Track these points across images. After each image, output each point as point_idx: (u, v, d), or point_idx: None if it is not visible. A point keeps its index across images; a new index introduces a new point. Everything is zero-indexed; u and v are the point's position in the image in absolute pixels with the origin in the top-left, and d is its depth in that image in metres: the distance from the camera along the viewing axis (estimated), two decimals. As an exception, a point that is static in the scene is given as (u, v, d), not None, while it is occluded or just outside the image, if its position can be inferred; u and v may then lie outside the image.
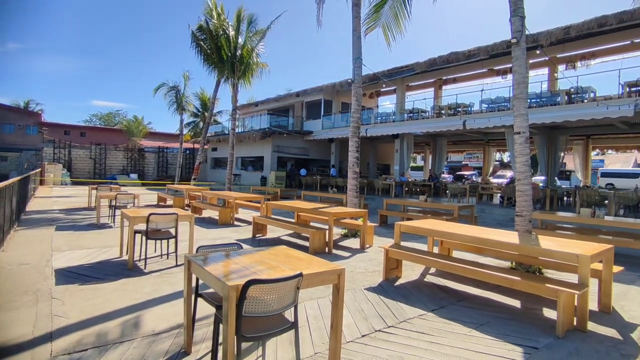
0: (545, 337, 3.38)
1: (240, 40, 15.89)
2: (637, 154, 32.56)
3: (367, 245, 7.03)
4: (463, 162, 43.58)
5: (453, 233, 4.65)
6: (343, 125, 20.47)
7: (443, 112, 16.95)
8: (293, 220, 8.14)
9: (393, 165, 19.56)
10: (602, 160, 36.64)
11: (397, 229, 5.07)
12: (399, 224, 5.08)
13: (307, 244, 6.84)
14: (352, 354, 2.98)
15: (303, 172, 20.99)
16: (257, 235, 7.82)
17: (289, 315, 2.69)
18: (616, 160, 36.55)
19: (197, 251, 3.24)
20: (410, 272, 5.32)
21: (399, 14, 9.33)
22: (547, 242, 4.19)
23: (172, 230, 5.47)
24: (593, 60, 16.26)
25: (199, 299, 2.99)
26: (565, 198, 15.05)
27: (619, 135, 18.14)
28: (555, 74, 16.62)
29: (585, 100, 13.18)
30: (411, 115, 18.27)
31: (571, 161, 23.45)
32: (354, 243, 7.42)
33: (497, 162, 31.68)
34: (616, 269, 4.16)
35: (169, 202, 13.04)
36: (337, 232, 8.32)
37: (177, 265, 5.31)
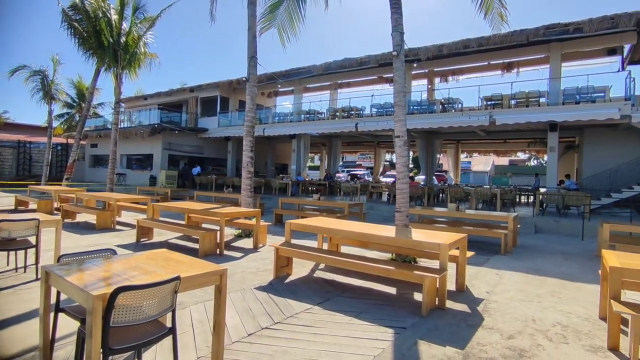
0: (412, 317, 3.83)
1: (125, 25, 14.46)
2: (494, 157, 38.67)
3: (261, 245, 7.04)
4: (357, 162, 46.54)
5: (339, 229, 4.95)
6: (240, 123, 20.08)
7: (338, 114, 17.85)
8: (183, 222, 7.73)
9: (291, 164, 19.90)
10: (469, 162, 42.77)
11: (288, 227, 5.19)
12: (290, 222, 5.22)
13: (197, 246, 6.56)
14: (237, 353, 2.97)
15: (195, 170, 20.03)
16: (142, 240, 7.23)
17: (177, 321, 2.55)
18: (479, 162, 42.96)
19: (58, 261, 2.87)
20: (301, 269, 5.50)
21: (294, 16, 9.53)
22: (418, 235, 4.74)
23: (32, 239, 4.73)
24: (461, 76, 18.87)
25: (62, 315, 2.65)
26: (441, 195, 17.14)
27: (481, 140, 21.34)
28: (431, 86, 18.78)
29: (454, 110, 15.21)
30: (308, 116, 18.84)
31: (446, 162, 26.80)
32: (247, 243, 7.36)
33: (387, 163, 34.57)
34: (469, 253, 4.92)
35: (32, 205, 11.22)
36: (231, 232, 8.16)
37: (37, 279, 4.61)
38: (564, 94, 13.02)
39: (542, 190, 13.74)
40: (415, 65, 15.21)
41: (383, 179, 24.06)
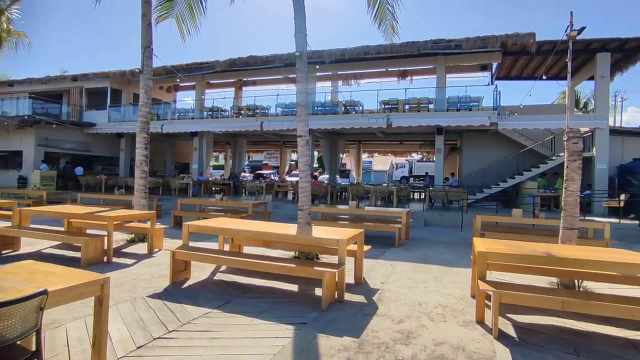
0: (313, 312, 3.93)
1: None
2: (392, 157, 41.83)
3: (156, 250, 6.53)
4: (264, 162, 46.22)
5: (240, 230, 4.84)
6: (135, 118, 18.41)
7: (242, 112, 17.48)
8: (62, 229, 6.78)
9: (192, 164, 18.86)
10: (370, 162, 45.59)
11: (185, 230, 4.91)
12: (188, 224, 4.94)
13: (80, 255, 5.81)
14: (122, 370, 2.70)
15: (79, 170, 17.77)
16: (4, 252, 6.13)
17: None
18: (380, 162, 46.08)
19: None
20: (200, 272, 5.24)
21: (194, 7, 9.07)
22: (318, 232, 4.88)
23: None
24: (362, 80, 20.00)
25: None
26: (343, 193, 17.93)
27: (380, 141, 22.89)
28: (334, 88, 19.53)
29: (356, 112, 16.06)
30: (211, 113, 18.08)
31: (349, 161, 28.16)
32: (141, 248, 6.76)
33: (293, 162, 34.99)
34: (366, 247, 5.23)
35: None
36: (122, 237, 7.42)
37: None
38: (448, 102, 14.68)
39: (431, 187, 15.32)
40: (317, 67, 15.66)
41: (289, 178, 24.31)
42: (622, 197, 11.19)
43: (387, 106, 15.53)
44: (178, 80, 18.47)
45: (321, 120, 15.71)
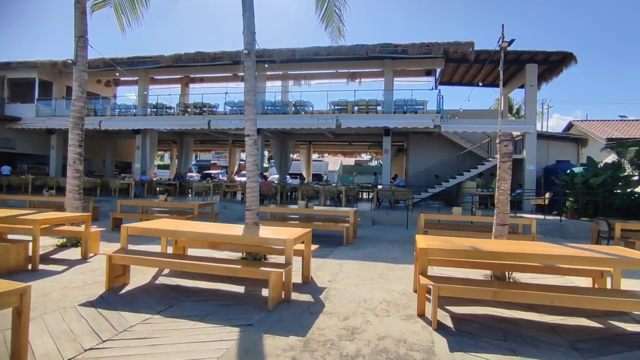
0: (259, 313, 3.87)
1: None
2: (342, 157, 42.52)
3: (91, 255, 6.09)
4: (212, 161, 44.92)
5: (184, 231, 4.66)
6: (68, 113, 17.09)
7: (189, 110, 16.85)
8: (-22, 234, 6.10)
9: (134, 163, 17.84)
10: (321, 162, 45.97)
11: (124, 232, 4.62)
12: (126, 226, 4.65)
13: None
14: (47, 386, 2.48)
15: (5, 170, 16.14)
16: None
17: None
18: (330, 162, 46.61)
19: None
20: (141, 277, 4.96)
21: (135, -3, 8.58)
22: (265, 232, 4.83)
23: None
24: (312, 80, 20.11)
25: None
26: (294, 193, 17.91)
27: (330, 142, 23.17)
28: (283, 88, 19.47)
29: (305, 113, 16.11)
30: (155, 110, 17.23)
31: (301, 161, 28.15)
32: (74, 253, 6.27)
33: (243, 162, 34.34)
34: (314, 247, 5.26)
35: None
36: (52, 242, 6.84)
37: None
38: (395, 105, 15.20)
39: (379, 187, 15.77)
40: (266, 66, 15.55)
41: (238, 178, 23.82)
42: (547, 195, 12.29)
43: (336, 107, 15.76)
44: (118, 74, 17.38)
45: (271, 120, 15.59)
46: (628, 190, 11.53)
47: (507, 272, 5.20)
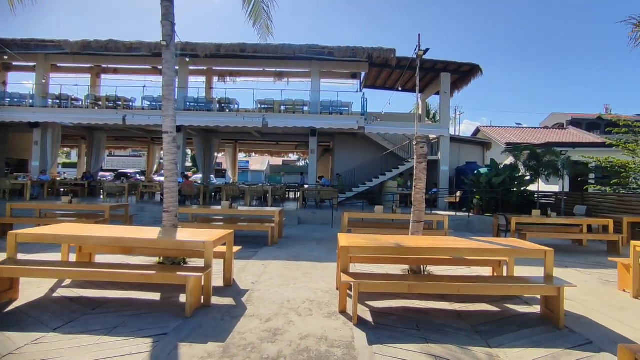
0: (175, 321, 3.64)
1: None
2: (269, 157, 42.20)
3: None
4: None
5: (89, 236, 4.20)
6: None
7: (101, 103, 15.37)
8: None
9: (32, 160, 15.74)
10: (248, 162, 45.14)
11: (12, 239, 4.02)
12: (15, 233, 4.06)
13: None
14: None
15: None
16: None
17: None
18: (257, 162, 45.99)
19: None
20: (35, 290, 4.37)
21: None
22: (184, 234, 4.56)
23: None
24: (238, 77, 19.62)
25: None
26: (218, 193, 17.29)
27: (257, 141, 22.82)
28: (207, 84, 18.72)
29: (231, 110, 15.66)
30: (58, 101, 15.41)
31: (225, 161, 27.30)
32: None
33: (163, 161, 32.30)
34: (236, 248, 5.11)
35: None
36: None
37: None
38: (322, 105, 15.46)
39: (306, 186, 15.92)
40: (188, 59, 14.82)
41: (157, 178, 22.36)
42: (458, 194, 13.46)
43: (263, 106, 15.58)
44: (7, 57, 15.18)
45: (194, 116, 14.89)
46: (522, 188, 13.10)
47: (422, 266, 5.55)
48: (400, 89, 18.10)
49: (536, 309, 4.19)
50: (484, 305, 4.33)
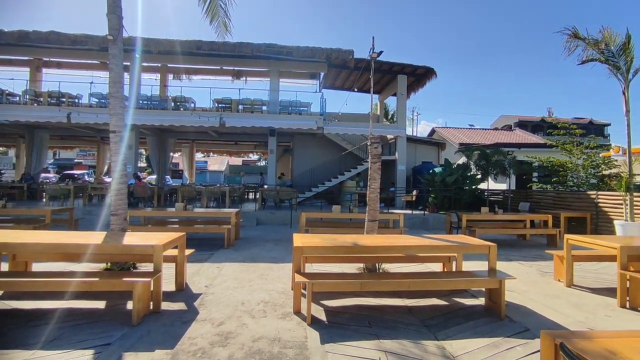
0: (121, 329, 3.47)
1: None
2: (228, 157, 41.38)
3: None
4: (76, 160, 39.13)
5: (22, 243, 3.90)
6: None
7: (42, 99, 14.34)
8: None
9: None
10: (206, 162, 44.01)
11: None
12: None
13: None
14: None
15: None
16: None
17: None
18: (216, 162, 44.95)
19: None
20: (-39, 302, 4.00)
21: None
22: (132, 238, 4.36)
23: None
24: (195, 75, 19.05)
25: None
26: (174, 195, 16.69)
27: (215, 141, 22.29)
28: (162, 82, 18.04)
29: (186, 109, 15.18)
30: (-9, 97, 14.22)
31: (182, 161, 26.43)
32: None
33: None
34: (189, 251, 4.95)
35: None
36: None
37: None
38: (281, 105, 15.38)
39: (265, 186, 15.77)
40: (138, 56, 14.20)
41: (108, 179, 21.22)
42: (414, 192, 13.89)
43: (220, 105, 15.26)
44: None
45: (147, 115, 14.29)
46: (473, 187, 13.76)
47: (377, 264, 5.67)
48: (356, 90, 18.39)
49: (482, 301, 4.41)
50: (434, 299, 4.50)
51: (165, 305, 4.08)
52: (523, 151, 17.20)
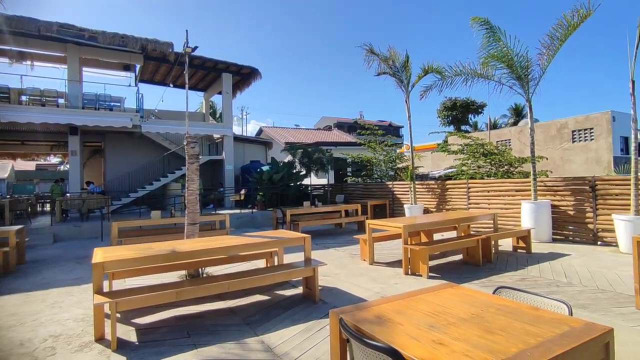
0: None
1: None
2: (14, 161, 33.00)
3: None
4: None
5: None
6: None
7: None
8: None
9: None
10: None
11: None
12: None
13: None
14: None
15: None
16: None
17: None
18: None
19: None
20: None
21: None
22: None
23: None
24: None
25: None
26: None
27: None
28: None
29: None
30: None
31: None
32: None
33: None
34: None
35: None
36: None
37: None
38: (85, 99, 13.08)
39: (67, 195, 13.18)
40: None
41: None
42: (242, 191, 13.97)
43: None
44: None
45: None
46: (298, 183, 14.78)
47: (201, 269, 5.41)
48: (171, 85, 17.28)
49: (301, 290, 4.71)
50: (257, 296, 4.57)
51: None
52: (340, 149, 19.43)
